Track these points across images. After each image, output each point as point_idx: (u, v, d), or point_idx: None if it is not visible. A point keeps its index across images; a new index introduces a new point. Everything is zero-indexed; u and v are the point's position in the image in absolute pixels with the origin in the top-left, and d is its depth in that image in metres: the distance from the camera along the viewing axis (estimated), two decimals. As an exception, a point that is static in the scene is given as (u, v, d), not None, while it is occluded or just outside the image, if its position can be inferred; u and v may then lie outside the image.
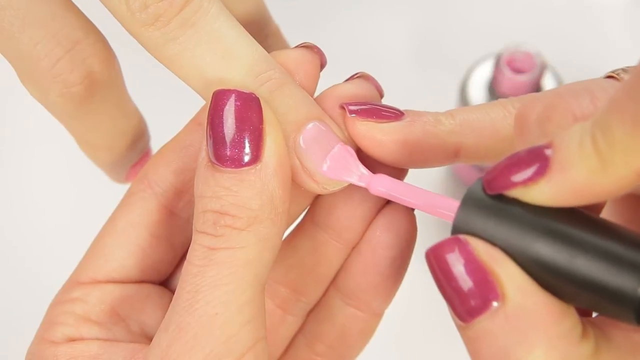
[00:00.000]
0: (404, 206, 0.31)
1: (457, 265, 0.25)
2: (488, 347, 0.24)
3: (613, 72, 0.28)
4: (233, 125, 0.27)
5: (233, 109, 0.27)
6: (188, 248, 0.34)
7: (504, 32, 0.68)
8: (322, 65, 0.32)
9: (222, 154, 0.27)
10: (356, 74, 0.32)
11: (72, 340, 0.30)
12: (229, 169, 0.27)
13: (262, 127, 0.27)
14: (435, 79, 0.68)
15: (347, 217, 0.31)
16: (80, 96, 0.31)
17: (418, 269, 0.61)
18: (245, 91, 0.27)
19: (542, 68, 0.58)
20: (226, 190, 0.27)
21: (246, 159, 0.27)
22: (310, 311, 0.34)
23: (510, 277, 0.24)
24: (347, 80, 0.32)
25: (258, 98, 0.27)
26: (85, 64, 0.30)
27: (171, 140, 0.33)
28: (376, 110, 0.30)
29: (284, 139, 0.28)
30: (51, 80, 0.30)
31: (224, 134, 0.27)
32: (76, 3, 0.31)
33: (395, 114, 0.30)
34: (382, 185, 0.29)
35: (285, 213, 0.28)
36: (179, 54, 0.28)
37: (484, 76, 0.62)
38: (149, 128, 0.37)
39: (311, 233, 0.32)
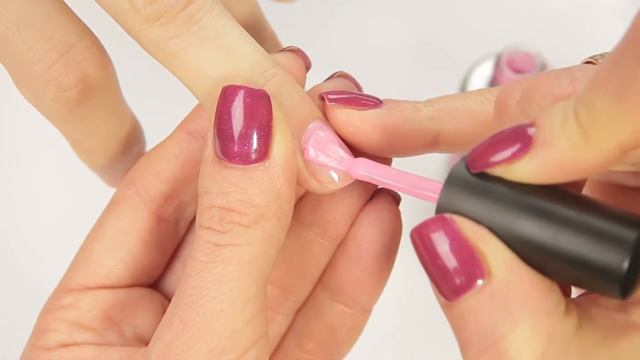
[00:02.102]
0: (388, 201, 0.32)
1: (442, 243, 0.25)
2: (473, 324, 0.24)
3: (592, 57, 0.28)
4: (242, 122, 0.27)
5: (242, 105, 0.27)
6: (177, 250, 0.34)
7: (504, 32, 0.68)
8: (307, 68, 0.32)
9: (230, 150, 0.27)
10: (335, 73, 0.33)
11: (66, 346, 0.30)
12: (236, 166, 0.27)
13: (271, 124, 0.27)
14: (435, 79, 0.67)
15: (331, 214, 0.32)
16: (75, 100, 0.31)
17: (416, 267, 0.61)
18: (255, 88, 0.28)
19: (542, 68, 0.58)
20: (233, 187, 0.27)
21: (254, 155, 0.27)
22: (299, 310, 0.34)
23: (495, 254, 0.24)
24: (326, 79, 0.32)
25: (268, 95, 0.27)
26: (80, 67, 0.30)
27: (158, 147, 0.33)
28: (355, 98, 0.30)
29: (291, 137, 0.28)
30: (45, 83, 0.30)
31: (232, 130, 0.27)
32: (71, 6, 0.31)
33: (374, 102, 0.30)
34: (363, 168, 0.29)
35: (290, 211, 0.28)
36: (183, 50, 0.28)
37: (484, 76, 0.62)
38: (145, 132, 0.37)
39: (297, 231, 0.32)
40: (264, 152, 0.27)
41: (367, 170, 0.29)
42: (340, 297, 0.33)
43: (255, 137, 0.27)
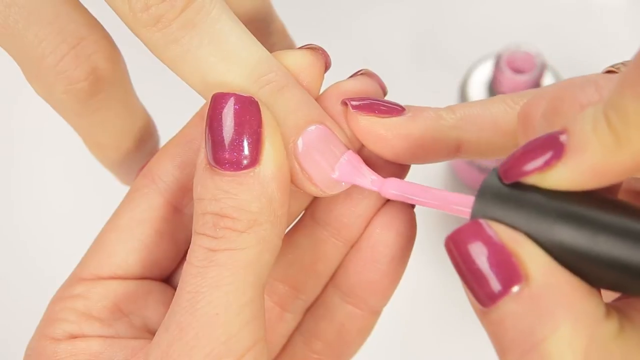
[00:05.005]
0: (403, 204, 0.32)
1: (477, 248, 0.24)
2: (512, 328, 0.23)
3: (612, 66, 0.28)
4: (231, 129, 0.27)
5: (232, 112, 0.27)
6: None
7: (504, 32, 0.69)
8: (327, 67, 0.31)
9: (221, 157, 0.27)
10: (359, 71, 0.32)
11: (74, 337, 0.30)
12: (227, 172, 0.27)
13: (260, 131, 0.27)
14: (435, 79, 0.68)
15: (346, 215, 0.31)
16: (86, 92, 0.30)
17: (424, 268, 0.61)
18: (244, 95, 0.28)
19: (542, 68, 0.59)
20: (225, 193, 0.27)
21: (245, 162, 0.27)
22: (308, 309, 0.34)
23: (532, 257, 0.24)
24: (350, 77, 0.32)
25: (257, 101, 0.28)
26: (90, 60, 0.30)
27: (176, 135, 0.33)
28: (378, 105, 0.30)
29: (282, 143, 0.28)
30: (56, 76, 0.30)
31: (222, 137, 0.27)
32: (81, 1, 0.31)
33: (397, 109, 0.30)
34: (394, 187, 0.29)
35: (284, 215, 0.28)
36: (181, 55, 0.28)
37: (484, 76, 0.62)
38: (159, 129, 0.37)
39: (311, 230, 0.32)
40: (254, 158, 0.27)
41: (397, 189, 0.29)
42: (351, 298, 0.33)
43: (245, 143, 0.27)
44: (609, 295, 0.26)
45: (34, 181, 0.67)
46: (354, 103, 0.30)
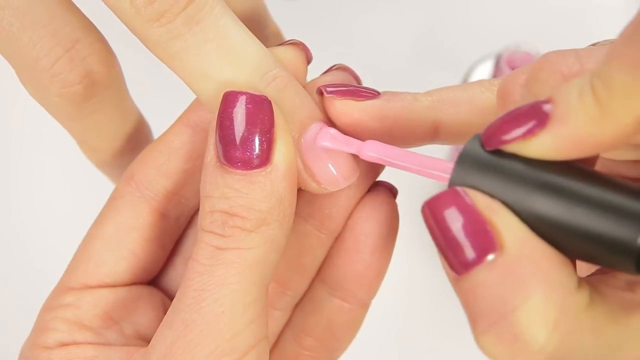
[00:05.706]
0: (385, 194, 0.32)
1: (453, 215, 0.24)
2: (484, 297, 0.23)
3: (594, 44, 0.28)
4: (244, 128, 0.27)
5: (244, 111, 0.27)
6: (176, 246, 0.34)
7: (504, 32, 0.68)
8: (308, 61, 0.32)
9: (233, 156, 0.27)
10: (333, 66, 0.32)
11: (66, 345, 0.30)
12: (239, 171, 0.27)
13: (273, 130, 0.27)
14: (435, 79, 0.67)
15: (329, 206, 0.31)
16: (80, 96, 0.30)
17: (419, 263, 0.61)
18: (256, 93, 0.28)
19: (542, 68, 0.58)
20: (235, 192, 0.27)
21: (257, 161, 0.27)
22: (297, 305, 0.34)
23: (508, 226, 0.24)
24: (324, 73, 0.32)
25: (269, 100, 0.28)
26: (85, 63, 0.30)
27: (157, 141, 0.33)
28: (353, 90, 0.30)
29: (292, 142, 0.28)
30: (50, 79, 0.30)
31: (234, 135, 0.27)
32: (76, 3, 0.31)
33: (373, 94, 0.30)
34: (372, 150, 0.29)
35: (292, 215, 0.28)
36: (183, 51, 0.28)
37: (484, 76, 0.62)
38: (153, 131, 0.36)
39: (294, 224, 0.32)
40: (266, 157, 0.27)
41: (376, 151, 0.29)
42: (338, 292, 0.32)
43: (257, 142, 0.27)
44: (582, 272, 0.26)
45: (32, 182, 0.67)
46: (329, 89, 0.30)
